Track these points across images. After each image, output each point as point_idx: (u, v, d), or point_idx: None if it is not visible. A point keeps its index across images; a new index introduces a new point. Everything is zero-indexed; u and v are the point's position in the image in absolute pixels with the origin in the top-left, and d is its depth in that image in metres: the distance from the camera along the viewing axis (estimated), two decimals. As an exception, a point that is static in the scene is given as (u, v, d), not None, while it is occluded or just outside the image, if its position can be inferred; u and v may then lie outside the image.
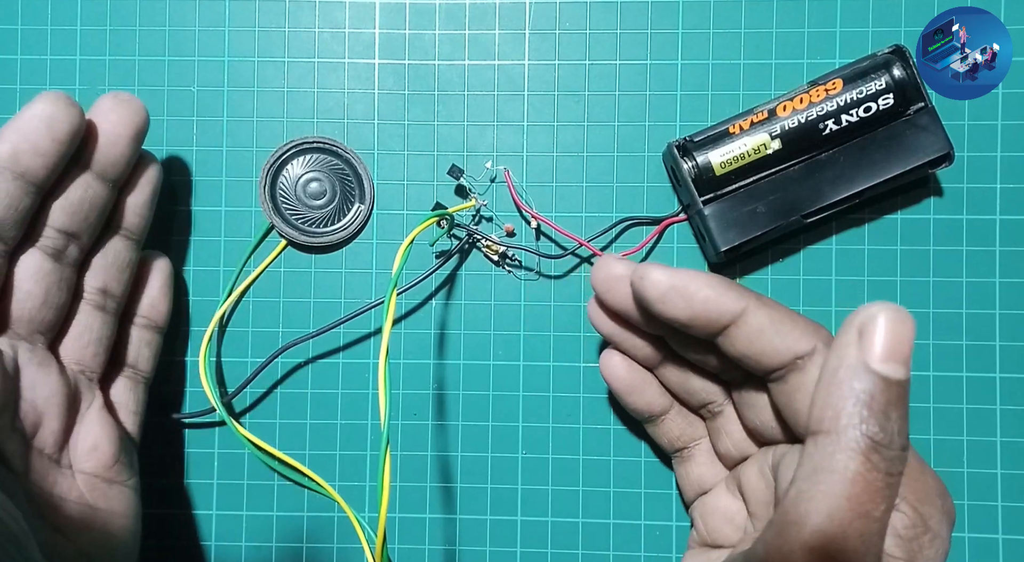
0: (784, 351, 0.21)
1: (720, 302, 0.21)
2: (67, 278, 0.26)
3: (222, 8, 0.31)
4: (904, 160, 0.28)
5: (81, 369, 0.27)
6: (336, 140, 0.31)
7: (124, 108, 0.26)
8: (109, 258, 0.27)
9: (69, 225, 0.25)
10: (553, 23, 0.31)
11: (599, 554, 0.31)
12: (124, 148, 0.26)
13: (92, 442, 0.26)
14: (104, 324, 0.27)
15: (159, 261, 0.29)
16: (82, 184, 0.25)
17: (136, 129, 0.26)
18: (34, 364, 0.25)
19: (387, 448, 0.23)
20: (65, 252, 0.25)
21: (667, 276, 0.22)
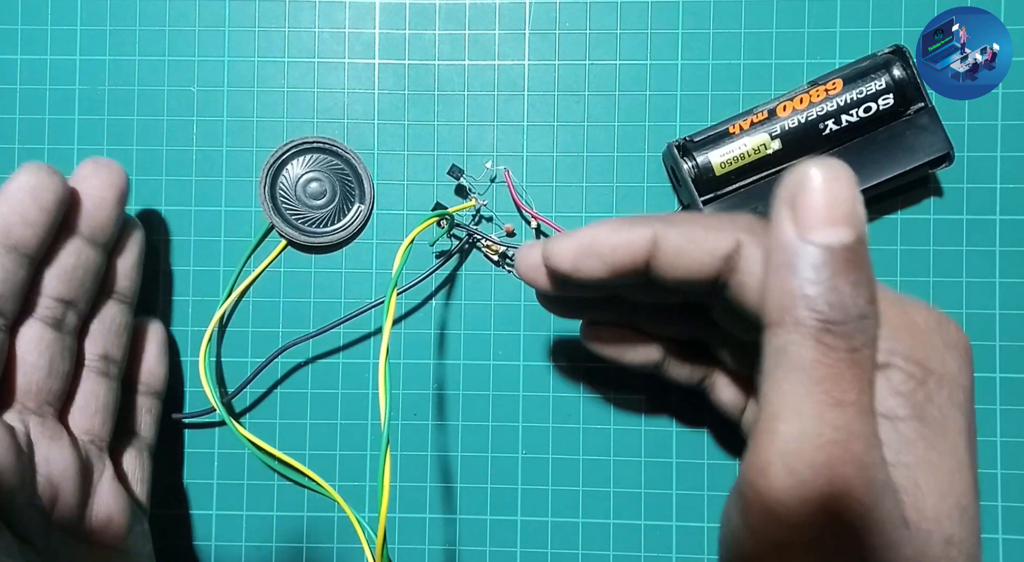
0: (708, 258, 0.19)
1: (627, 241, 0.20)
2: (69, 347, 0.26)
3: (222, 8, 0.31)
4: (904, 160, 0.28)
5: (91, 438, 0.26)
6: (336, 140, 0.31)
7: (105, 172, 0.26)
8: (106, 323, 0.27)
9: (66, 293, 0.25)
10: (553, 23, 0.31)
11: (599, 554, 0.31)
12: (110, 211, 0.26)
13: (107, 514, 0.25)
14: (109, 390, 0.27)
15: (153, 326, 0.29)
16: (74, 251, 0.25)
17: (119, 191, 0.26)
18: (46, 437, 0.24)
19: (387, 448, 0.23)
20: (64, 320, 0.25)
21: (567, 242, 0.20)
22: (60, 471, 0.24)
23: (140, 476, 0.28)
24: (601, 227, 0.20)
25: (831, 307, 0.16)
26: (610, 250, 0.20)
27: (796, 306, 0.16)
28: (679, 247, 0.20)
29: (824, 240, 0.16)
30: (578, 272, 0.21)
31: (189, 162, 0.31)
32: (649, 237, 0.20)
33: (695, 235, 0.20)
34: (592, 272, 0.20)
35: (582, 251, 0.20)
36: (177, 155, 0.31)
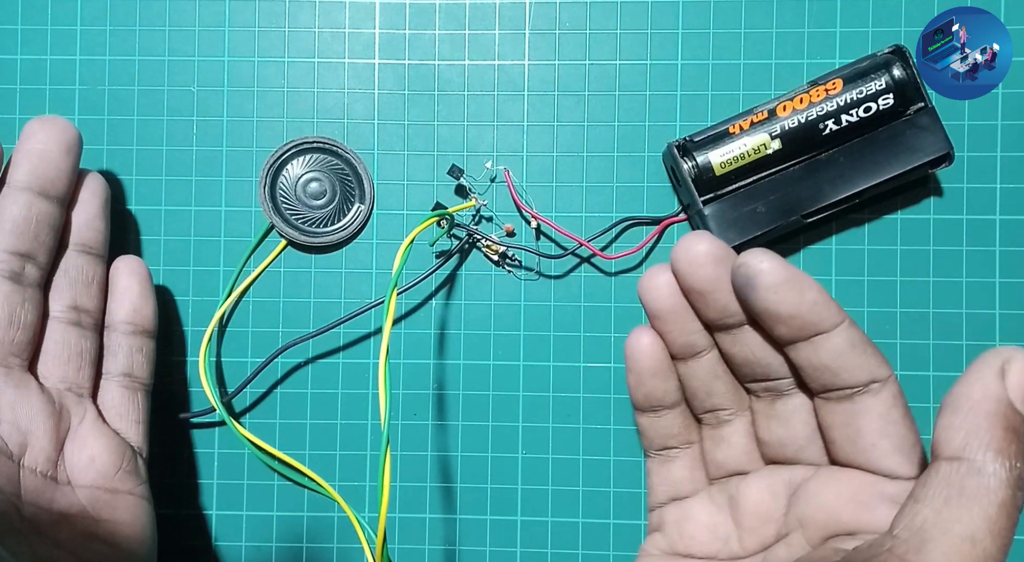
0: (866, 371, 0.21)
1: (827, 307, 0.21)
2: (32, 298, 0.26)
3: (222, 8, 0.31)
4: (904, 160, 0.28)
5: (67, 386, 0.27)
6: (336, 140, 0.31)
7: (49, 127, 0.26)
8: (72, 274, 0.27)
9: (19, 245, 0.26)
10: (553, 23, 0.31)
11: (599, 554, 0.31)
12: (57, 163, 0.26)
13: (88, 455, 0.26)
14: (82, 337, 0.27)
15: (133, 264, 0.29)
16: (24, 203, 0.26)
17: (65, 144, 0.26)
18: (11, 386, 0.25)
19: (387, 448, 0.23)
20: (23, 273, 0.26)
21: (784, 269, 0.21)
22: (28, 417, 0.25)
23: (135, 417, 0.28)
24: (810, 279, 0.21)
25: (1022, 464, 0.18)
26: (811, 303, 0.20)
27: (999, 449, 0.18)
28: (854, 346, 0.21)
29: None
30: (771, 294, 0.21)
31: (189, 162, 0.31)
32: (842, 319, 0.21)
33: (868, 348, 0.21)
34: (780, 305, 0.21)
35: (791, 284, 0.20)
36: (177, 155, 0.31)
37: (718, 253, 0.22)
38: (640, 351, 0.25)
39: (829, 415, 0.22)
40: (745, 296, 0.21)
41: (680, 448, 0.26)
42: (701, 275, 0.22)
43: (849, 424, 0.21)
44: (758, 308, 0.21)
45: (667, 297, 0.23)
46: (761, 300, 0.21)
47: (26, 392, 0.25)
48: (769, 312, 0.21)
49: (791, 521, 0.22)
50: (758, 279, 0.21)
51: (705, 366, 0.24)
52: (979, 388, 0.18)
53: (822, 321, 0.21)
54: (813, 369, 0.21)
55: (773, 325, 0.21)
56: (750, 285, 0.21)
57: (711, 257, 0.22)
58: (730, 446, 0.25)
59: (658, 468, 0.26)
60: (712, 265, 0.22)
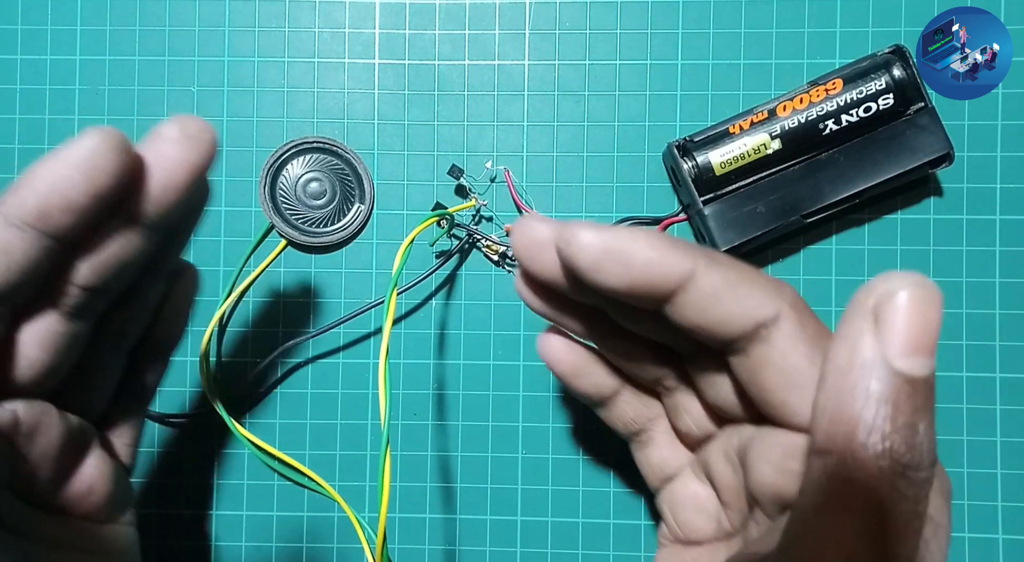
0: (743, 318, 0.18)
1: (664, 264, 0.18)
2: (83, 335, 0.22)
3: (222, 8, 0.31)
4: (904, 160, 0.28)
5: (79, 412, 0.23)
6: (336, 140, 0.31)
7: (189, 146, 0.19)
8: (137, 305, 0.23)
9: (98, 282, 0.20)
10: (553, 23, 0.31)
11: (599, 554, 0.31)
12: (180, 193, 0.20)
13: (88, 486, 0.23)
14: (114, 369, 0.24)
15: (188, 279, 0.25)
16: (123, 240, 0.20)
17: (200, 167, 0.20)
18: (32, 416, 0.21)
19: (387, 448, 0.23)
20: (89, 309, 0.21)
21: (599, 237, 0.18)
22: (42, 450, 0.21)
23: (130, 439, 0.26)
24: (640, 236, 0.18)
25: (909, 449, 0.14)
26: (642, 265, 0.18)
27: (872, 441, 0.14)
28: (716, 293, 0.18)
29: (908, 369, 0.14)
30: (594, 273, 0.18)
31: (189, 162, 0.31)
32: (689, 269, 0.18)
33: (739, 288, 0.18)
34: (610, 280, 0.18)
35: (611, 255, 0.18)
36: (177, 155, 0.31)
37: (542, 235, 0.20)
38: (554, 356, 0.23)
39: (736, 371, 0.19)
40: (580, 280, 0.19)
41: (649, 428, 0.24)
42: (537, 268, 0.20)
43: (752, 381, 0.18)
44: (597, 290, 0.18)
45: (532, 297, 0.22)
46: (592, 283, 0.18)
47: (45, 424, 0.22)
48: (607, 291, 0.18)
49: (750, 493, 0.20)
50: (577, 262, 0.18)
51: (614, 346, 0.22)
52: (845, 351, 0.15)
53: (665, 280, 0.18)
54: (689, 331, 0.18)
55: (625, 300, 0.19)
56: (575, 270, 0.18)
57: (539, 242, 0.20)
58: (688, 412, 0.23)
59: (640, 454, 0.25)
60: (544, 253, 0.20)
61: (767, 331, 0.18)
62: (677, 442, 0.24)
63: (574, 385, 0.24)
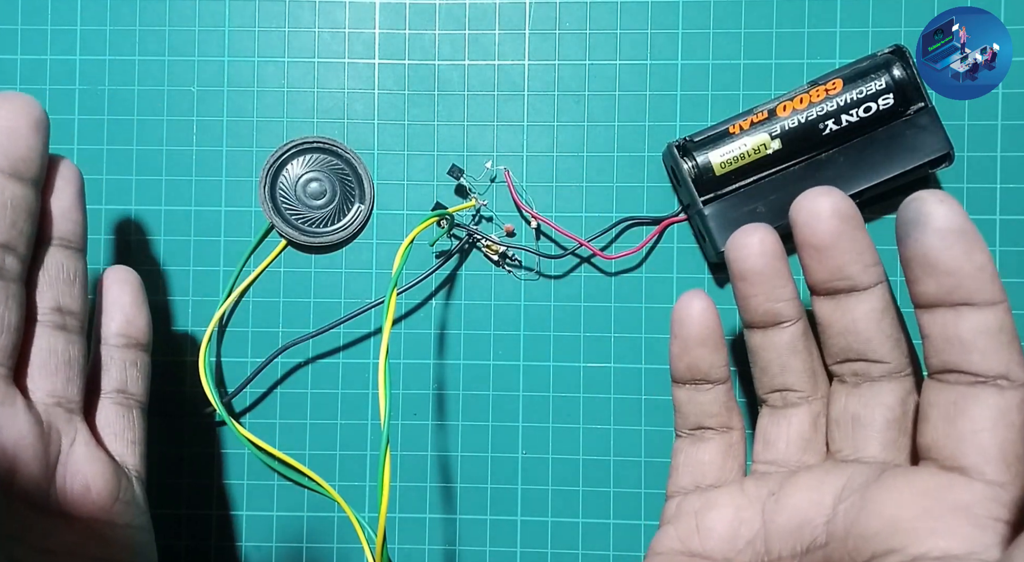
0: (1001, 364, 0.18)
1: (992, 278, 0.18)
2: (15, 295, 0.22)
3: (222, 8, 0.31)
4: (904, 160, 0.28)
5: (56, 401, 0.23)
6: (336, 140, 0.31)
7: (12, 102, 0.22)
8: (52, 272, 0.24)
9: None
10: (553, 23, 0.31)
11: (599, 554, 0.31)
12: (27, 140, 0.22)
13: (83, 483, 0.23)
14: (69, 343, 0.24)
15: (123, 274, 0.26)
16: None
17: (34, 120, 0.23)
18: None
19: (387, 448, 0.23)
20: (4, 267, 0.22)
21: (962, 218, 0.18)
22: (15, 439, 0.21)
23: (130, 437, 0.25)
24: (983, 243, 0.19)
25: None
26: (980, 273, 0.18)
27: None
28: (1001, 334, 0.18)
29: None
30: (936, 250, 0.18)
31: (189, 162, 0.31)
32: (997, 298, 0.18)
33: (1016, 343, 0.19)
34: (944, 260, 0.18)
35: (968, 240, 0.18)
36: (177, 155, 0.31)
37: (844, 209, 0.20)
38: (690, 316, 0.23)
39: (938, 394, 0.19)
40: (906, 235, 0.18)
41: (716, 430, 0.24)
42: (823, 229, 0.20)
43: (957, 403, 0.18)
44: (916, 252, 0.18)
45: (759, 256, 0.21)
46: (925, 243, 0.18)
47: (12, 409, 0.21)
48: (928, 260, 0.18)
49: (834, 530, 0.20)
50: (930, 218, 0.18)
51: (786, 338, 0.22)
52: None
53: (980, 291, 0.18)
54: (944, 340, 0.18)
55: (923, 277, 0.18)
56: (917, 223, 0.18)
57: (836, 212, 0.20)
58: (790, 427, 0.22)
59: (687, 448, 0.24)
60: (836, 220, 0.20)
61: (1007, 385, 0.18)
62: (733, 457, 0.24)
63: (693, 352, 0.23)
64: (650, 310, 0.31)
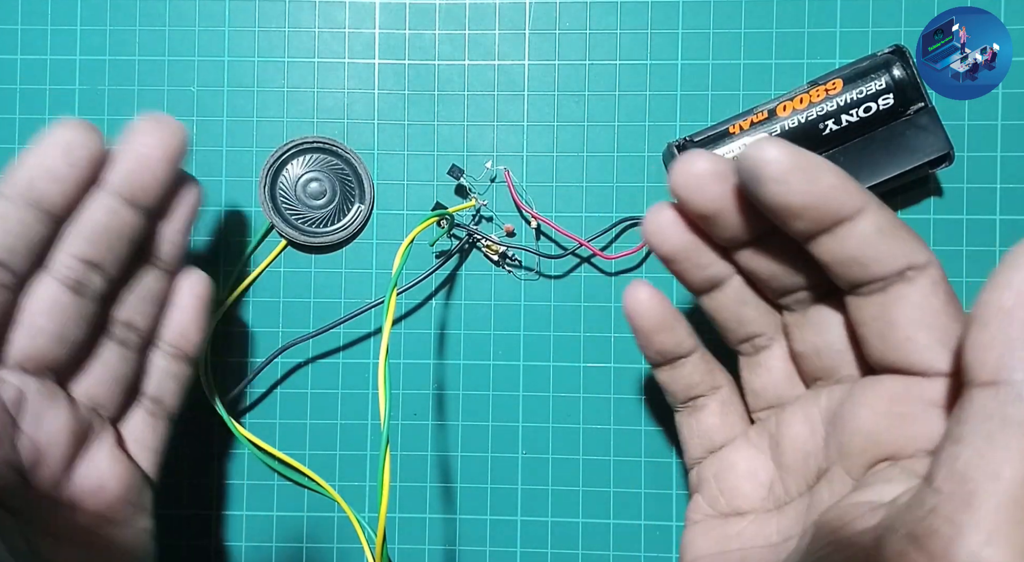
0: (899, 258, 0.18)
1: (845, 191, 0.18)
2: (88, 313, 0.23)
3: (222, 8, 0.31)
4: (904, 160, 0.28)
5: (95, 406, 0.25)
6: (336, 140, 0.31)
7: (159, 129, 0.23)
8: (135, 288, 0.25)
9: (91, 253, 0.23)
10: (553, 23, 0.31)
11: (599, 554, 0.31)
12: (155, 172, 0.23)
13: (98, 481, 0.24)
14: (124, 361, 0.25)
15: (195, 283, 0.26)
16: (106, 209, 0.23)
17: (170, 151, 0.23)
18: (40, 397, 0.23)
19: (387, 448, 0.23)
20: (87, 284, 0.23)
21: (791, 155, 0.18)
22: (49, 434, 0.23)
23: (151, 445, 0.26)
24: (824, 163, 0.18)
25: None
26: (827, 187, 0.18)
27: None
28: (882, 230, 0.18)
29: None
30: (778, 185, 0.18)
31: (189, 162, 0.31)
32: (863, 202, 0.18)
33: (899, 231, 0.19)
34: (791, 196, 0.18)
35: (800, 171, 0.18)
36: (177, 155, 0.31)
37: (717, 169, 0.20)
38: (640, 309, 0.23)
39: (860, 311, 0.19)
40: (754, 192, 0.19)
41: (707, 395, 0.24)
42: (708, 196, 0.20)
43: (881, 316, 0.19)
44: (769, 203, 0.19)
45: (675, 236, 0.22)
46: (771, 194, 0.18)
47: (54, 407, 0.23)
48: (781, 206, 0.19)
49: (831, 453, 0.20)
50: (763, 171, 0.18)
51: (730, 295, 0.22)
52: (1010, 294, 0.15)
53: (842, 207, 0.18)
54: (839, 264, 0.19)
55: (789, 221, 0.19)
56: (756, 179, 0.19)
57: (712, 175, 0.20)
58: (768, 371, 0.23)
59: (688, 420, 0.25)
60: (716, 183, 0.20)
61: (914, 274, 0.19)
62: (731, 412, 0.24)
63: (655, 340, 0.23)
64: (650, 310, 0.31)
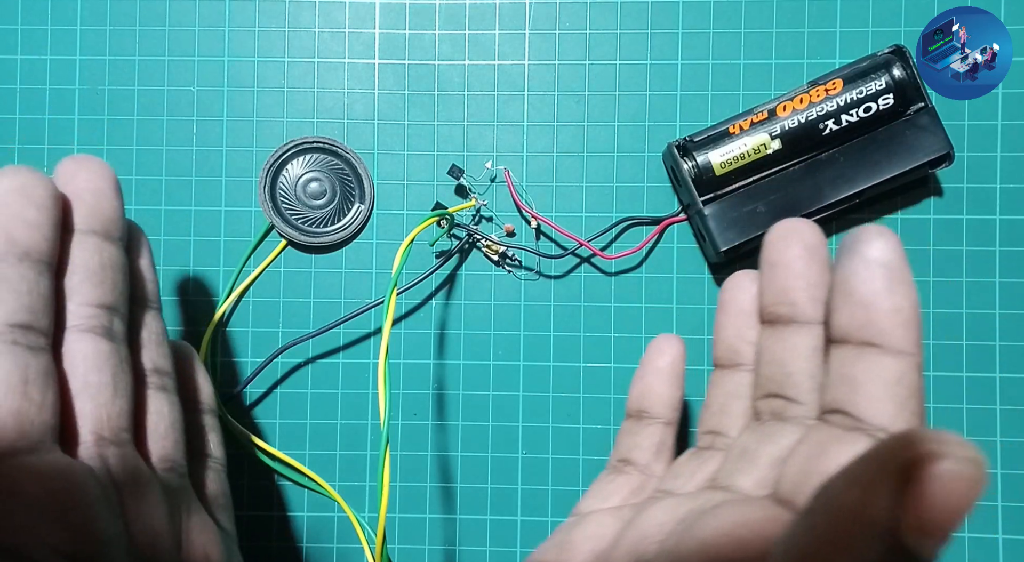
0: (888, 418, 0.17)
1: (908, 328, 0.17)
2: (126, 358, 0.22)
3: (222, 8, 0.31)
4: (904, 160, 0.28)
5: (169, 465, 0.22)
6: (336, 140, 0.31)
7: (89, 165, 0.22)
8: (145, 332, 0.23)
9: (103, 297, 0.21)
10: (553, 23, 0.31)
11: (599, 554, 0.31)
12: (111, 201, 0.22)
13: (203, 552, 0.22)
14: (172, 406, 0.23)
15: (186, 349, 0.26)
16: (94, 249, 0.21)
17: (113, 181, 0.22)
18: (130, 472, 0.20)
19: (387, 448, 0.23)
20: (112, 328, 0.21)
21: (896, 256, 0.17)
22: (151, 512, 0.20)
23: (223, 502, 0.25)
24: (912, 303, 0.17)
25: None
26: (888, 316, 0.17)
27: None
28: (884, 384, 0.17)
29: (917, 549, 0.12)
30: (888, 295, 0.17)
31: (189, 162, 0.31)
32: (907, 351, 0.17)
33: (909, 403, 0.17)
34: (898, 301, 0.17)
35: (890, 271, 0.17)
36: (177, 155, 0.31)
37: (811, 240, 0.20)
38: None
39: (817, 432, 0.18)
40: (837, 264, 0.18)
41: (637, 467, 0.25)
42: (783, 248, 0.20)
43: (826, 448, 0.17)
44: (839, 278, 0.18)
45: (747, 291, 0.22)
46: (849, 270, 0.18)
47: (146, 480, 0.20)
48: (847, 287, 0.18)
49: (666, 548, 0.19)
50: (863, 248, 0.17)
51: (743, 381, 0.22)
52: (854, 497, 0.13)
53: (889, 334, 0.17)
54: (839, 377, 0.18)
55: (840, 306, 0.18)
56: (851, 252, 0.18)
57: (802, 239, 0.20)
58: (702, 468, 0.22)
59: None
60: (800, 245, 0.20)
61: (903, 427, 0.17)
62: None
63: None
64: (650, 310, 0.31)
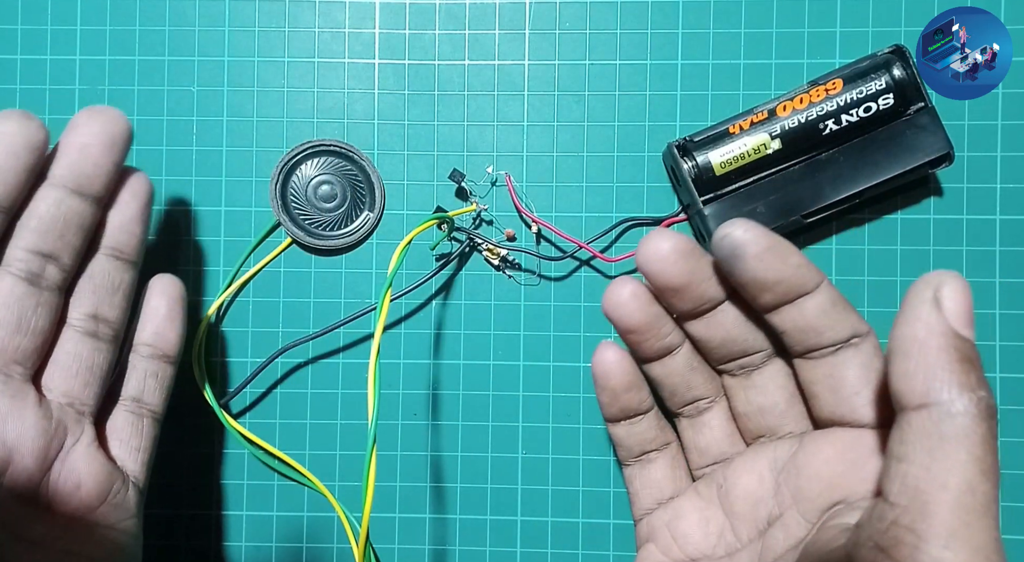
0: (847, 327, 0.21)
1: (808, 268, 0.21)
2: (47, 303, 0.24)
3: (222, 8, 0.31)
4: (904, 160, 0.28)
5: (70, 401, 0.24)
6: (352, 145, 0.31)
7: (97, 118, 0.24)
8: (97, 280, 0.25)
9: (43, 245, 0.23)
10: (553, 23, 0.31)
11: (599, 554, 0.31)
12: (96, 159, 0.24)
13: (75, 481, 0.24)
14: (96, 351, 0.25)
15: (167, 285, 0.27)
16: (53, 200, 0.23)
17: (109, 138, 0.24)
18: (6, 396, 0.23)
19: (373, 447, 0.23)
20: (43, 275, 0.24)
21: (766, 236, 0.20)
22: (17, 433, 0.23)
23: (136, 444, 0.26)
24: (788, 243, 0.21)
25: (990, 394, 0.18)
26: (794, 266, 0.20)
27: (965, 386, 0.17)
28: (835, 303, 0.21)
29: (969, 335, 0.18)
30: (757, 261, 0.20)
31: (189, 162, 0.31)
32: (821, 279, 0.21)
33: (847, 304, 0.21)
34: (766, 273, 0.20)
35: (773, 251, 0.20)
36: (177, 155, 0.31)
37: (683, 247, 0.22)
38: (610, 369, 0.25)
39: (811, 371, 0.22)
40: (731, 268, 0.21)
41: (658, 450, 0.26)
42: (674, 272, 0.22)
43: (832, 375, 0.21)
44: (745, 278, 0.21)
45: (636, 311, 0.23)
46: (749, 270, 0.21)
47: (21, 405, 0.23)
48: (757, 281, 0.21)
49: (783, 500, 0.22)
50: (744, 249, 0.20)
51: (681, 361, 0.24)
52: (921, 326, 0.18)
53: (806, 282, 0.21)
54: (799, 331, 0.21)
55: (759, 293, 0.21)
56: (736, 256, 0.21)
57: (678, 253, 0.22)
58: (712, 430, 0.25)
59: (639, 473, 0.26)
60: (682, 260, 0.22)
61: (859, 340, 0.21)
62: (679, 466, 0.26)
63: (622, 398, 0.25)
64: (650, 310, 0.31)
